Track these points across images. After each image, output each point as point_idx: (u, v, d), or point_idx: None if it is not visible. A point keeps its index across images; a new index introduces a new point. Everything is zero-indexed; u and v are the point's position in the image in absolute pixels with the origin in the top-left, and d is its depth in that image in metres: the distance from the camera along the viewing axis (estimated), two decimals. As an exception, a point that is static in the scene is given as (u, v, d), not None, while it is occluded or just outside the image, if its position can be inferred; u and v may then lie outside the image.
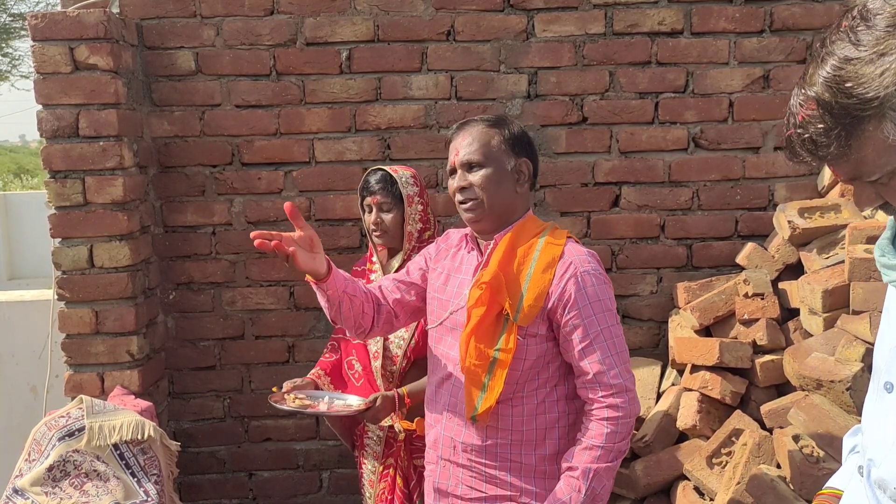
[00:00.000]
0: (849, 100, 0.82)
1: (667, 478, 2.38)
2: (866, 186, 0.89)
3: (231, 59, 2.65)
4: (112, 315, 2.45)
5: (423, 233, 2.25)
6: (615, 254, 2.77)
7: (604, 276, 1.68)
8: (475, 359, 1.64)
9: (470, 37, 2.65)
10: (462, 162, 1.69)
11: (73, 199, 2.41)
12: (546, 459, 1.68)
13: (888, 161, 0.84)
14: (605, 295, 1.65)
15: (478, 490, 1.71)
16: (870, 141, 0.83)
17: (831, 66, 0.83)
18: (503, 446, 1.68)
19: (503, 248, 1.68)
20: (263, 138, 2.69)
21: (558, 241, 1.68)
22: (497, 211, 1.70)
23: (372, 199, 2.22)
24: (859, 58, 0.81)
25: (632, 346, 2.80)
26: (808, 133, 0.86)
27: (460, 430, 1.72)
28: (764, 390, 2.38)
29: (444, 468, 1.76)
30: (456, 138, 1.73)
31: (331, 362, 2.36)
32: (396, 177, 2.21)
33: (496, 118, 1.75)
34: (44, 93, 2.37)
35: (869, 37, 0.81)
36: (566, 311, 1.63)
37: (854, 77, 0.81)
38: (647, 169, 2.73)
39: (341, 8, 2.64)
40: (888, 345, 0.99)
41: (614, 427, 1.59)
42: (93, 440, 2.18)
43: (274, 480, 2.85)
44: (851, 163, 0.87)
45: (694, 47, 2.68)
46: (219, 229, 2.73)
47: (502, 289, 1.63)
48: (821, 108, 0.84)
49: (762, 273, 2.50)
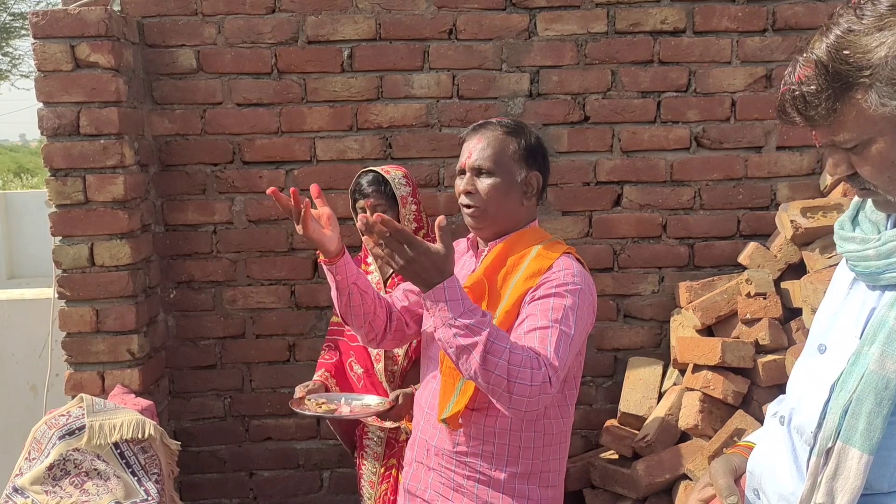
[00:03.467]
0: (844, 66, 0.89)
1: (668, 478, 2.38)
2: (841, 154, 0.96)
3: (232, 57, 2.64)
4: (112, 314, 2.44)
5: (417, 232, 2.22)
6: (617, 253, 2.77)
7: (585, 296, 1.58)
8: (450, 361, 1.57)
9: (472, 35, 2.65)
10: (472, 166, 1.65)
11: (73, 197, 2.40)
12: (517, 478, 1.62)
13: (866, 130, 0.91)
14: (575, 308, 1.55)
15: (444, 497, 1.67)
16: (854, 108, 0.90)
17: (835, 34, 0.90)
18: (473, 456, 1.63)
19: (493, 255, 1.66)
20: (265, 137, 2.69)
21: (551, 255, 1.62)
22: (499, 221, 1.67)
23: (365, 202, 2.18)
24: (860, 29, 0.88)
25: (633, 346, 2.80)
26: (800, 91, 0.93)
27: (434, 434, 1.69)
28: (766, 390, 2.38)
29: (417, 470, 1.74)
30: (471, 139, 1.68)
31: (332, 363, 2.34)
32: (389, 178, 2.18)
33: (515, 126, 1.70)
34: (45, 91, 2.37)
35: (872, 13, 0.89)
36: (531, 302, 1.56)
37: (852, 46, 0.88)
38: (649, 168, 2.73)
39: (343, 6, 2.63)
40: (829, 311, 1.07)
41: (527, 380, 1.41)
42: (93, 439, 2.17)
43: (274, 480, 2.85)
44: (833, 127, 0.93)
45: (696, 46, 2.67)
46: (220, 228, 2.73)
47: (483, 295, 1.61)
48: (817, 70, 0.91)
49: (764, 273, 2.50)
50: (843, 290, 1.06)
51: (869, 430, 0.92)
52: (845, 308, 1.04)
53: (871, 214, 1.03)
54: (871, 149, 0.92)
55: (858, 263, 1.00)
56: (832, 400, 0.97)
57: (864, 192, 0.98)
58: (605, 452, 2.62)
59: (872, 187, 0.96)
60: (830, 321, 1.05)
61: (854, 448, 0.93)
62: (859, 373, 0.94)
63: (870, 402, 0.92)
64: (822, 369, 1.02)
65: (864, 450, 0.92)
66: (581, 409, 2.77)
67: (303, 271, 2.75)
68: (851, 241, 1.02)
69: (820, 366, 1.03)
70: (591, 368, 2.74)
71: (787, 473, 1.04)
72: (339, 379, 2.33)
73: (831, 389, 0.97)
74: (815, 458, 0.97)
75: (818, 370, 1.03)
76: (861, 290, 1.02)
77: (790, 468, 1.04)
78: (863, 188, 0.98)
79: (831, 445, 0.95)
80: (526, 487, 1.62)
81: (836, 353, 1.01)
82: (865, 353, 0.94)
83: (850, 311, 1.02)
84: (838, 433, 0.94)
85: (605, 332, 2.79)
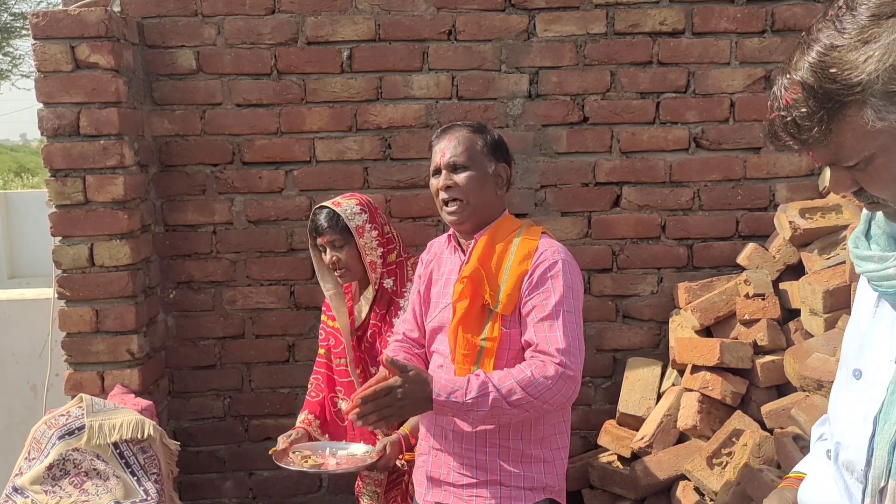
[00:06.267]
0: (833, 85, 0.84)
1: (667, 478, 2.38)
2: (843, 171, 0.91)
3: (232, 58, 2.64)
4: (112, 314, 2.44)
5: (386, 256, 2.21)
6: (616, 254, 2.77)
7: (574, 266, 1.76)
8: (464, 349, 1.73)
9: (471, 36, 2.65)
10: (448, 163, 1.79)
11: (73, 197, 2.40)
12: (532, 443, 1.74)
13: (866, 146, 0.86)
14: (570, 283, 1.72)
15: (468, 476, 1.76)
16: (850, 126, 0.85)
17: (816, 52, 0.85)
18: (492, 432, 1.73)
19: (482, 245, 1.78)
20: (264, 137, 2.69)
21: (533, 237, 1.78)
22: (479, 212, 1.79)
23: (322, 240, 2.18)
24: (844, 45, 0.83)
25: (632, 347, 2.80)
26: (791, 116, 0.88)
27: (451, 420, 1.76)
28: (764, 391, 2.38)
29: (437, 457, 1.82)
30: (441, 141, 1.82)
31: (318, 402, 2.33)
32: (339, 211, 2.16)
33: (477, 125, 1.86)
34: (45, 91, 2.37)
35: (853, 25, 0.83)
36: (531, 292, 1.71)
37: (838, 63, 0.83)
38: (648, 169, 2.73)
39: (342, 7, 2.63)
40: (858, 332, 1.02)
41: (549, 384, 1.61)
42: (93, 439, 2.17)
43: (273, 480, 2.85)
44: (831, 147, 0.88)
45: (695, 47, 2.68)
46: (219, 228, 2.73)
47: (483, 282, 1.73)
48: (805, 93, 0.86)
49: (763, 273, 2.50)
50: (870, 307, 1.00)
51: None
52: (874, 329, 0.98)
53: (884, 226, 0.98)
54: (875, 164, 0.87)
55: (881, 283, 0.95)
56: (877, 434, 0.91)
57: (873, 205, 0.94)
58: (603, 453, 2.62)
59: (882, 201, 0.91)
60: (861, 343, 1.00)
61: None
62: None
63: None
64: (861, 398, 0.96)
65: None
66: (580, 410, 2.77)
67: (302, 271, 2.75)
68: (869, 259, 0.96)
69: (858, 394, 0.97)
70: (590, 369, 2.74)
71: None
72: (322, 421, 2.32)
73: (874, 422, 0.92)
74: (868, 500, 0.92)
75: (857, 400, 0.97)
76: (888, 310, 0.96)
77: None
78: (871, 202, 0.93)
79: (884, 485, 0.89)
80: (540, 451, 1.75)
81: (872, 379, 0.95)
82: None
83: (880, 332, 0.97)
84: (889, 471, 0.89)
85: (604, 333, 2.79)
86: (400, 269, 2.23)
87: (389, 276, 2.21)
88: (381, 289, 2.22)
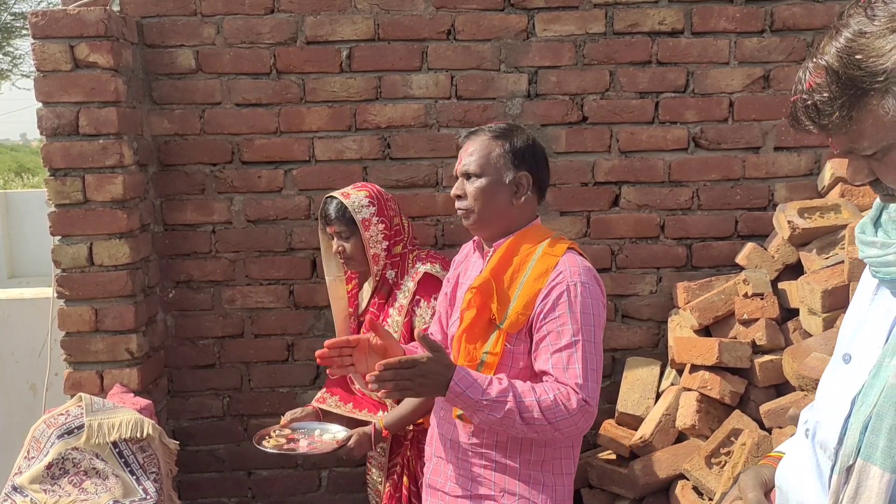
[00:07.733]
0: (857, 71, 0.83)
1: (665, 477, 2.38)
2: (861, 161, 0.91)
3: (231, 57, 2.65)
4: (111, 313, 2.44)
5: (391, 248, 2.23)
6: (615, 253, 2.77)
7: (595, 291, 1.68)
8: (465, 359, 1.69)
9: (470, 36, 2.65)
10: (462, 171, 1.77)
11: (72, 196, 2.40)
12: (531, 465, 1.70)
13: (885, 136, 0.86)
14: (590, 309, 1.65)
15: (464, 488, 1.74)
16: (871, 115, 0.85)
17: (845, 37, 0.84)
18: (488, 447, 1.71)
19: (499, 255, 1.73)
20: (263, 137, 2.69)
21: (556, 252, 1.70)
22: (490, 221, 1.75)
23: (330, 229, 2.23)
24: (872, 32, 0.83)
25: (631, 346, 2.80)
26: (812, 100, 0.88)
27: (451, 429, 1.76)
28: (763, 390, 2.38)
29: (437, 465, 1.82)
30: (464, 145, 1.80)
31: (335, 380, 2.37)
32: (347, 203, 2.19)
33: (503, 129, 1.77)
34: (44, 90, 2.37)
35: (885, 12, 0.83)
36: (546, 316, 1.64)
37: (865, 49, 0.83)
38: (647, 169, 2.73)
39: (342, 7, 2.63)
40: (855, 319, 1.02)
41: (568, 414, 1.56)
42: (92, 438, 2.17)
43: (273, 479, 2.85)
44: (850, 135, 0.88)
45: (694, 47, 2.68)
46: (219, 228, 2.73)
47: (492, 294, 1.68)
48: (829, 77, 0.85)
49: (762, 273, 2.50)
50: (869, 295, 1.01)
51: (890, 448, 0.87)
52: (870, 316, 0.99)
53: (894, 214, 0.98)
54: (892, 155, 0.87)
55: (880, 269, 0.95)
56: (853, 415, 0.92)
57: (888, 197, 0.94)
58: (602, 452, 2.62)
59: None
60: (856, 329, 1.01)
61: (875, 466, 0.89)
62: (880, 386, 0.89)
63: (890, 418, 0.88)
64: (845, 380, 0.98)
65: (885, 468, 0.88)
66: (579, 409, 2.78)
67: (301, 271, 2.75)
68: (872, 245, 0.97)
69: (844, 376, 0.99)
70: (589, 368, 2.74)
71: (812, 490, 1.00)
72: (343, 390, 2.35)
73: (852, 403, 0.93)
74: (836, 476, 0.93)
75: (842, 381, 0.98)
76: (886, 297, 0.97)
77: (815, 485, 1.00)
78: (886, 194, 0.93)
79: (852, 463, 0.91)
80: (540, 475, 1.70)
81: (859, 364, 0.96)
82: (886, 366, 0.89)
83: (874, 318, 0.98)
84: (859, 450, 0.90)
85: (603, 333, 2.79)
86: (402, 261, 2.25)
87: (393, 268, 2.24)
88: (382, 279, 2.25)
